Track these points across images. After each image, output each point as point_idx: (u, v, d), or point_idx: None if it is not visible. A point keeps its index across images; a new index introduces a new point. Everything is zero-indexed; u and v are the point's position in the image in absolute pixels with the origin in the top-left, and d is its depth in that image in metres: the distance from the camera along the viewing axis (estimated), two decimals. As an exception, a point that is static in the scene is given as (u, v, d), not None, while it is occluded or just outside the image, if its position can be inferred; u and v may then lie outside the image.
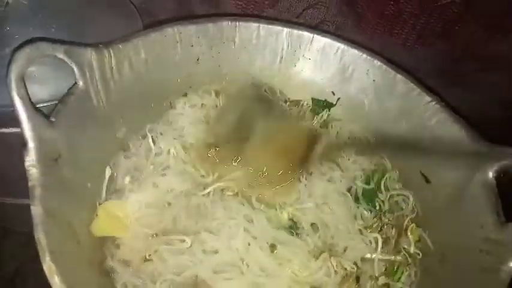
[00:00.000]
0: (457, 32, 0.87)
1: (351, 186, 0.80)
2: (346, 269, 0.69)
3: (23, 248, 1.09)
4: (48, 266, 0.53)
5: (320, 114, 0.90)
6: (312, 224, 0.72)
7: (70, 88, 0.68)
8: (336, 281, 0.68)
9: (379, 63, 0.85)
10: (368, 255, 0.72)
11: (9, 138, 0.81)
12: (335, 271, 0.68)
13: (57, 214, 0.58)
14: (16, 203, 0.97)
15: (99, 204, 0.69)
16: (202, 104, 0.86)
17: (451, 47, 0.90)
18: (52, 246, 0.54)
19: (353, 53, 0.87)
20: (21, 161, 0.59)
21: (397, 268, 0.72)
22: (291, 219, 0.72)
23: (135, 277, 0.64)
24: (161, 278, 0.64)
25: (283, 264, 0.66)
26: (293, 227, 0.72)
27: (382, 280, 0.70)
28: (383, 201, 0.79)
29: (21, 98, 0.58)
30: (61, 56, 0.65)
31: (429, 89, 0.82)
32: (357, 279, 0.69)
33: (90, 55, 0.68)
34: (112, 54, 0.72)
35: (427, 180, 0.79)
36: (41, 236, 0.54)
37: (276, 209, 0.72)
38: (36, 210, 0.55)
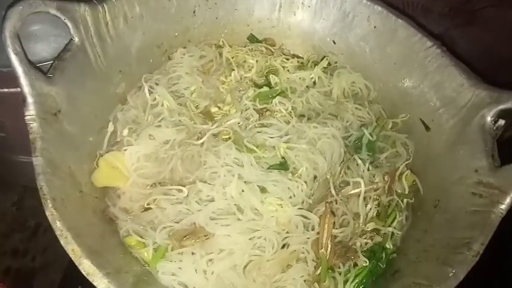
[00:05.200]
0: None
1: (350, 134, 0.79)
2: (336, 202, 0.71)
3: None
4: (50, 212, 0.56)
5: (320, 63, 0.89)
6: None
7: (66, 44, 0.69)
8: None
9: (379, 8, 0.82)
10: (356, 191, 0.73)
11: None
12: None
13: (59, 165, 0.61)
14: (35, 161, 1.02)
15: (100, 155, 0.72)
16: (201, 56, 0.86)
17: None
18: (54, 194, 0.57)
19: (353, -1, 0.84)
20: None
21: (390, 213, 0.72)
22: (283, 158, 0.73)
23: (137, 224, 0.68)
24: (161, 225, 0.67)
25: (274, 205, 0.68)
26: (284, 165, 0.73)
27: (371, 226, 0.71)
28: (382, 150, 0.80)
29: (16, 54, 0.60)
30: (54, 12, 0.65)
31: (434, 35, 0.79)
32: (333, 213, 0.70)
33: (83, 11, 0.69)
34: (106, 10, 0.72)
35: (427, 128, 0.78)
36: (43, 185, 0.57)
37: (266, 149, 0.73)
38: (38, 161, 0.59)
